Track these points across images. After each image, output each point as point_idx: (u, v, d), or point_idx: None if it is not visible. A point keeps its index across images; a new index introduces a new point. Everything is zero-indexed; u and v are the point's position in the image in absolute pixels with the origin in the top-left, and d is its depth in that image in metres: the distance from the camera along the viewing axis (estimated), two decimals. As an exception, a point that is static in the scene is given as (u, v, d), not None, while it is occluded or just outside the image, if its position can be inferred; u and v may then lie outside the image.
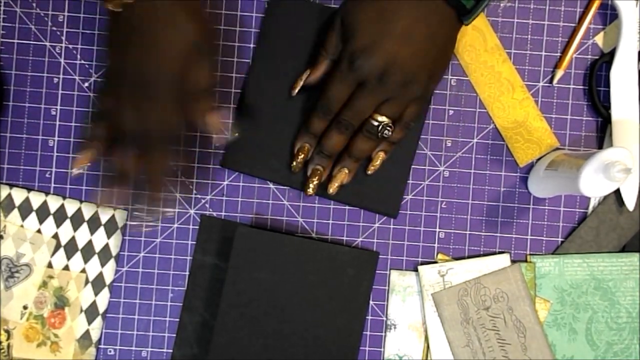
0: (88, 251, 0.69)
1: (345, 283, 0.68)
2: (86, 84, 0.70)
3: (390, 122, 0.63)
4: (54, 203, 0.69)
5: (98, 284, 0.69)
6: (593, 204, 0.70)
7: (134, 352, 0.69)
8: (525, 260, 0.70)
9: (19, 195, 0.69)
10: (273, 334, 0.67)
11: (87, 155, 0.61)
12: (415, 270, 0.70)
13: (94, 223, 0.69)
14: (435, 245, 0.70)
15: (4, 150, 0.69)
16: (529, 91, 0.70)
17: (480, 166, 0.70)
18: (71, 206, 0.69)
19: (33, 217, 0.69)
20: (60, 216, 0.69)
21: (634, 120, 0.69)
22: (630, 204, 0.69)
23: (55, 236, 0.69)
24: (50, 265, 0.69)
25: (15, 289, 0.69)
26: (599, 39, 0.70)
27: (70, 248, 0.69)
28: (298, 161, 0.66)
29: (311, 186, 0.66)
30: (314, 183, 0.66)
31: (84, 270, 0.69)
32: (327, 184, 0.67)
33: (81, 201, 0.69)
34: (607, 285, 0.69)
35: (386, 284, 0.70)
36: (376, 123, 0.63)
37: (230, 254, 0.67)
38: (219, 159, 0.70)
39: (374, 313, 0.70)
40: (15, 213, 0.69)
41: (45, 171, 0.69)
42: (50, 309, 0.69)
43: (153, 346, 0.69)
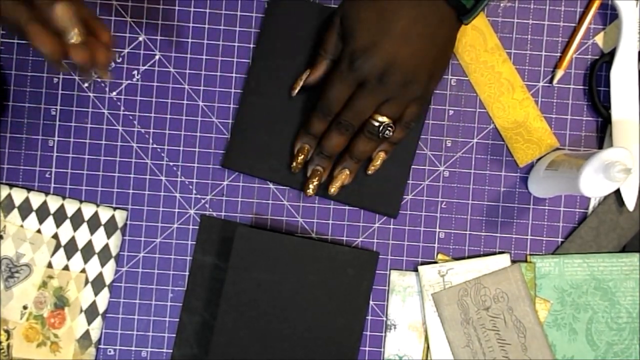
0: (88, 251, 0.69)
1: (345, 283, 0.68)
2: (86, 84, 0.70)
3: (391, 122, 0.63)
4: (53, 203, 0.69)
5: (98, 284, 0.69)
6: (593, 204, 0.70)
7: (133, 352, 0.69)
8: (525, 261, 0.70)
9: (18, 195, 0.69)
10: (273, 334, 0.67)
11: None
12: (415, 270, 0.70)
13: (94, 223, 0.69)
14: (435, 245, 0.70)
15: (4, 150, 0.69)
16: (529, 91, 0.70)
17: (480, 166, 0.70)
18: (71, 206, 0.69)
19: (33, 217, 0.69)
20: (60, 216, 0.69)
21: (634, 121, 0.69)
22: (630, 204, 0.69)
23: (55, 236, 0.69)
24: (50, 265, 0.69)
25: (15, 289, 0.69)
26: (599, 39, 0.70)
27: (70, 248, 0.69)
28: (298, 162, 0.66)
29: (311, 187, 0.66)
30: (314, 184, 0.66)
31: (83, 271, 0.69)
32: (328, 184, 0.67)
33: (81, 201, 0.69)
34: (607, 286, 0.69)
35: (386, 284, 0.70)
36: (377, 123, 0.63)
37: (230, 254, 0.67)
38: (219, 159, 0.70)
39: (374, 313, 0.70)
40: (15, 213, 0.69)
41: (45, 171, 0.69)
42: (50, 309, 0.69)
43: (153, 346, 0.69)
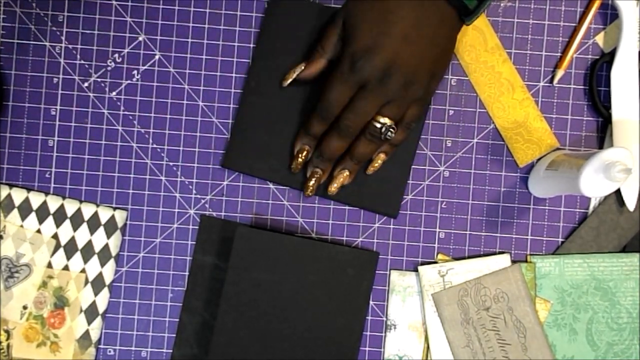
0: (88, 251, 0.69)
1: (345, 283, 0.68)
2: (86, 84, 0.70)
3: (393, 124, 0.63)
4: (53, 203, 0.69)
5: (98, 284, 0.69)
6: (593, 204, 0.70)
7: (133, 352, 0.69)
8: (526, 261, 0.70)
9: (18, 195, 0.69)
10: (273, 334, 0.67)
11: None
12: (416, 270, 0.70)
13: (94, 223, 0.69)
14: (436, 245, 0.70)
15: (4, 150, 0.69)
16: (529, 91, 0.70)
17: (481, 166, 0.70)
18: (71, 206, 0.69)
19: (33, 217, 0.69)
20: (60, 216, 0.69)
21: (635, 120, 0.69)
22: (630, 204, 0.69)
23: (55, 236, 0.69)
24: (50, 265, 0.69)
25: (15, 289, 0.69)
26: (599, 39, 0.70)
27: (70, 248, 0.69)
28: (297, 162, 0.66)
29: (310, 188, 0.66)
30: (313, 185, 0.66)
31: (83, 271, 0.69)
32: (327, 184, 0.67)
33: (81, 201, 0.69)
34: (608, 286, 0.69)
35: (386, 284, 0.70)
36: (379, 125, 0.63)
37: (230, 254, 0.67)
38: (219, 159, 0.70)
39: (374, 313, 0.70)
40: (15, 213, 0.69)
41: (45, 171, 0.69)
42: (50, 309, 0.69)
43: (153, 346, 0.69)
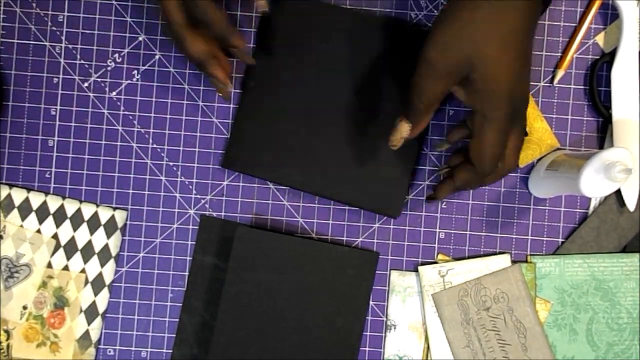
0: (88, 251, 0.69)
1: (345, 283, 0.68)
2: (86, 84, 0.70)
3: None
4: (53, 203, 0.69)
5: (98, 284, 0.69)
6: (594, 204, 0.70)
7: (133, 353, 0.69)
8: (526, 261, 0.70)
9: (18, 195, 0.69)
10: (273, 334, 0.67)
11: None
12: (416, 270, 0.70)
13: (94, 223, 0.69)
14: (436, 245, 0.70)
15: (4, 150, 0.69)
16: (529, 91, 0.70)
17: (481, 166, 0.70)
18: (71, 206, 0.69)
19: (33, 217, 0.69)
20: (59, 216, 0.69)
21: (635, 121, 0.69)
22: (631, 205, 0.69)
23: (55, 236, 0.69)
24: (49, 265, 0.69)
25: (14, 289, 0.69)
26: (599, 39, 0.70)
27: (70, 248, 0.69)
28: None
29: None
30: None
31: (83, 271, 0.69)
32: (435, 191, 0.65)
33: (81, 201, 0.69)
34: (608, 286, 0.69)
35: (386, 284, 0.70)
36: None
37: (230, 254, 0.67)
38: (219, 160, 0.70)
39: (374, 313, 0.70)
40: (15, 213, 0.69)
41: (45, 171, 0.69)
42: (49, 309, 0.69)
43: (153, 346, 0.69)
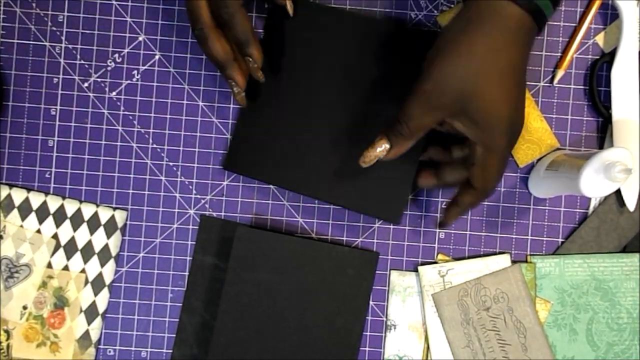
0: (88, 251, 0.69)
1: (345, 283, 0.68)
2: (86, 84, 0.70)
3: None
4: (53, 203, 0.69)
5: (98, 284, 0.69)
6: (594, 204, 0.70)
7: (133, 353, 0.69)
8: (526, 261, 0.70)
9: (18, 196, 0.69)
10: (273, 334, 0.67)
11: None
12: (416, 270, 0.70)
13: (94, 223, 0.69)
14: (436, 245, 0.70)
15: (4, 150, 0.69)
16: (529, 91, 0.70)
17: (481, 166, 0.70)
18: (71, 206, 0.69)
19: (33, 217, 0.69)
20: (59, 216, 0.69)
21: (635, 120, 0.69)
22: (630, 205, 0.69)
23: (55, 236, 0.69)
24: (49, 265, 0.69)
25: (15, 289, 0.69)
26: (599, 39, 0.70)
27: (70, 248, 0.69)
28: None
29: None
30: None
31: (83, 271, 0.69)
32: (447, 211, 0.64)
33: (81, 201, 0.69)
34: (608, 286, 0.69)
35: (386, 284, 0.70)
36: None
37: (230, 254, 0.67)
38: (219, 159, 0.70)
39: (374, 313, 0.70)
40: (15, 213, 0.69)
41: (45, 171, 0.69)
42: (49, 309, 0.69)
43: (153, 346, 0.69)
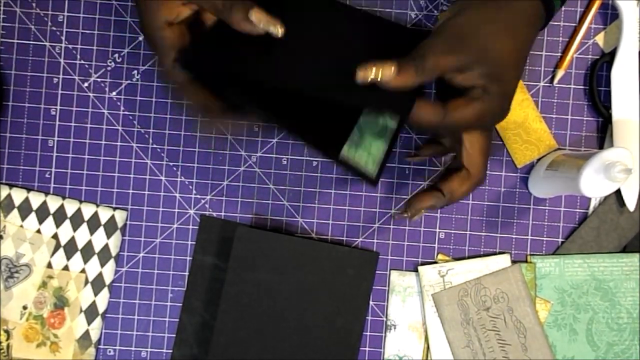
0: (88, 251, 0.69)
1: (345, 283, 0.68)
2: (86, 84, 0.70)
3: None
4: (53, 203, 0.69)
5: (98, 284, 0.69)
6: (594, 204, 0.70)
7: (133, 353, 0.69)
8: (526, 261, 0.70)
9: (18, 196, 0.69)
10: (273, 334, 0.67)
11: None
12: (416, 270, 0.70)
13: (94, 223, 0.69)
14: (436, 245, 0.70)
15: (4, 150, 0.69)
16: (529, 91, 0.70)
17: (481, 166, 0.70)
18: (71, 206, 0.69)
19: (33, 217, 0.69)
20: (59, 216, 0.69)
21: (635, 121, 0.68)
22: (630, 205, 0.69)
23: (55, 236, 0.69)
24: (49, 265, 0.69)
25: (14, 289, 0.69)
26: (599, 39, 0.70)
27: (70, 248, 0.69)
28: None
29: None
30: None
31: (83, 271, 0.69)
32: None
33: (81, 201, 0.69)
34: (608, 286, 0.69)
35: (386, 284, 0.70)
36: None
37: (230, 254, 0.67)
38: (219, 159, 0.69)
39: (374, 313, 0.70)
40: (15, 213, 0.69)
41: (45, 171, 0.69)
42: (49, 309, 0.69)
43: (153, 346, 0.69)
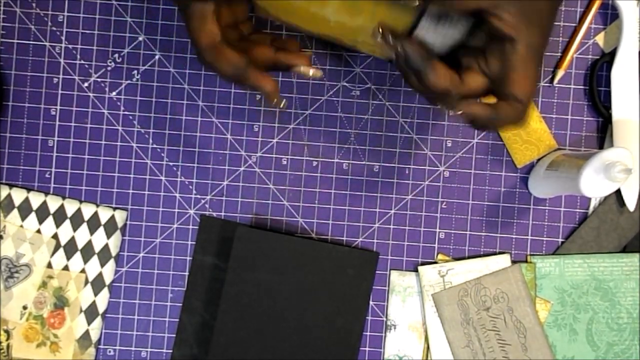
0: (88, 251, 0.69)
1: (345, 283, 0.68)
2: (86, 84, 0.70)
3: None
4: (53, 203, 0.69)
5: (98, 284, 0.69)
6: (594, 204, 0.70)
7: (133, 353, 0.69)
8: (526, 261, 0.70)
9: (18, 196, 0.69)
10: (273, 334, 0.67)
11: None
12: (416, 270, 0.70)
13: (94, 223, 0.69)
14: (436, 245, 0.70)
15: (4, 150, 0.69)
16: (529, 91, 0.70)
17: (481, 166, 0.70)
18: (71, 206, 0.69)
19: (33, 217, 0.69)
20: (59, 216, 0.69)
21: (635, 120, 0.69)
22: (630, 205, 0.69)
23: (55, 236, 0.69)
24: (49, 265, 0.69)
25: (15, 289, 0.69)
26: (599, 39, 0.70)
27: (70, 248, 0.69)
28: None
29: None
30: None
31: (83, 271, 0.69)
32: None
33: (81, 201, 0.69)
34: (608, 286, 0.69)
35: (386, 284, 0.70)
36: None
37: (230, 254, 0.67)
38: (219, 159, 0.70)
39: (374, 313, 0.70)
40: (15, 213, 0.69)
41: (45, 171, 0.69)
42: (49, 309, 0.69)
43: (153, 346, 0.69)
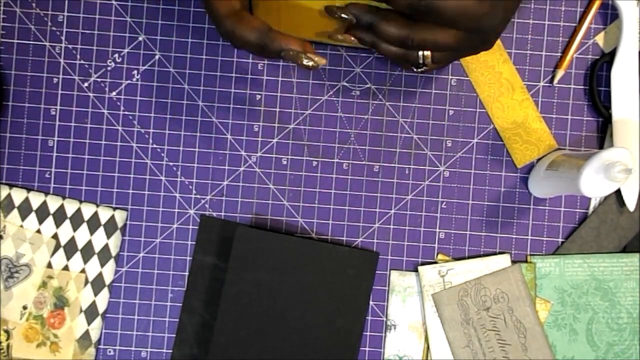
0: (88, 251, 0.69)
1: (345, 283, 0.68)
2: (86, 84, 0.70)
3: None
4: (53, 203, 0.69)
5: (98, 284, 0.69)
6: (594, 204, 0.70)
7: (133, 353, 0.69)
8: (526, 261, 0.70)
9: (18, 196, 0.69)
10: (273, 334, 0.67)
11: None
12: (416, 270, 0.70)
13: (94, 223, 0.69)
14: (436, 245, 0.70)
15: (4, 150, 0.69)
16: (529, 91, 0.70)
17: (481, 166, 0.70)
18: (71, 206, 0.69)
19: (33, 217, 0.69)
20: (59, 216, 0.69)
21: (635, 120, 0.69)
22: (631, 204, 0.69)
23: (55, 236, 0.69)
24: (49, 265, 0.69)
25: (14, 289, 0.69)
26: (599, 39, 0.70)
27: (70, 248, 0.69)
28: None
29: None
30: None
31: (83, 271, 0.69)
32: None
33: (81, 201, 0.69)
34: (608, 286, 0.69)
35: (386, 284, 0.70)
36: None
37: (230, 254, 0.67)
38: (219, 159, 0.70)
39: (374, 313, 0.70)
40: (15, 213, 0.69)
41: (45, 171, 0.69)
42: (49, 309, 0.69)
43: (153, 346, 0.69)
